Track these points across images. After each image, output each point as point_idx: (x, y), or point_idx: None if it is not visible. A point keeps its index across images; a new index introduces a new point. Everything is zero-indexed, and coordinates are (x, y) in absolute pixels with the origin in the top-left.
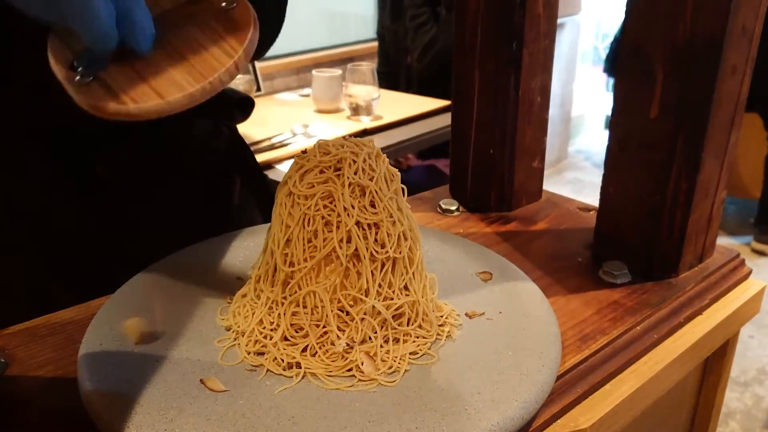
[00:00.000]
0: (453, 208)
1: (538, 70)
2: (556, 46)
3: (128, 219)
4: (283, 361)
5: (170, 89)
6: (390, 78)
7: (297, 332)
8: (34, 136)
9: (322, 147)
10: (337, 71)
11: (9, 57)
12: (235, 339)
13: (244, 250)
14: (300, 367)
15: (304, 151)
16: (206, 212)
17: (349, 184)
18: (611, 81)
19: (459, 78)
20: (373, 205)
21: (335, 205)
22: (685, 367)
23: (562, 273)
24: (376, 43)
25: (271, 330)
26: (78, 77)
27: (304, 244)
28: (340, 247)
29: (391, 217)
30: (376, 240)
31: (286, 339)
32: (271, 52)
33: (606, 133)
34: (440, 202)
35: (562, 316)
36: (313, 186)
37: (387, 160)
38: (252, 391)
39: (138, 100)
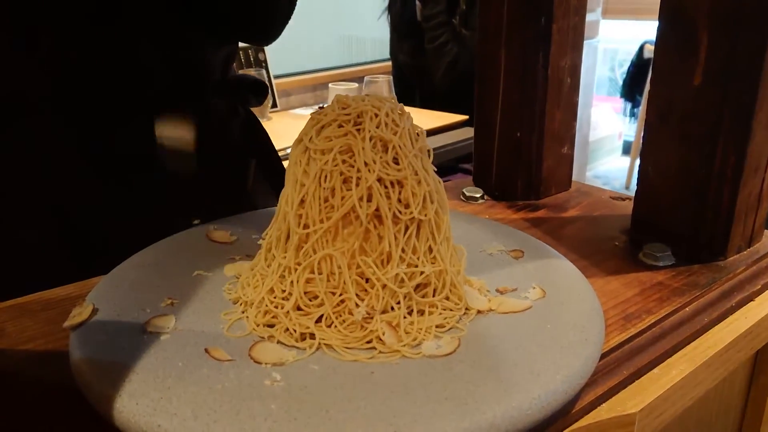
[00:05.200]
0: (477, 195)
1: (568, 48)
2: None
3: (143, 197)
4: (295, 331)
5: None
6: (404, 98)
7: (311, 301)
8: (55, 110)
9: (341, 101)
10: (354, 84)
11: (32, 31)
12: (243, 311)
13: (256, 228)
14: (314, 338)
15: (321, 107)
16: (222, 194)
17: (371, 138)
18: (629, 106)
19: (484, 57)
20: (396, 162)
21: (355, 160)
22: (738, 356)
23: (599, 256)
24: (390, 62)
25: (283, 299)
26: None
27: (320, 204)
28: (360, 206)
29: (417, 175)
30: (399, 200)
31: (299, 309)
32: (287, 70)
33: (624, 159)
34: (464, 190)
35: (602, 296)
36: (331, 140)
37: (412, 117)
38: None
39: None
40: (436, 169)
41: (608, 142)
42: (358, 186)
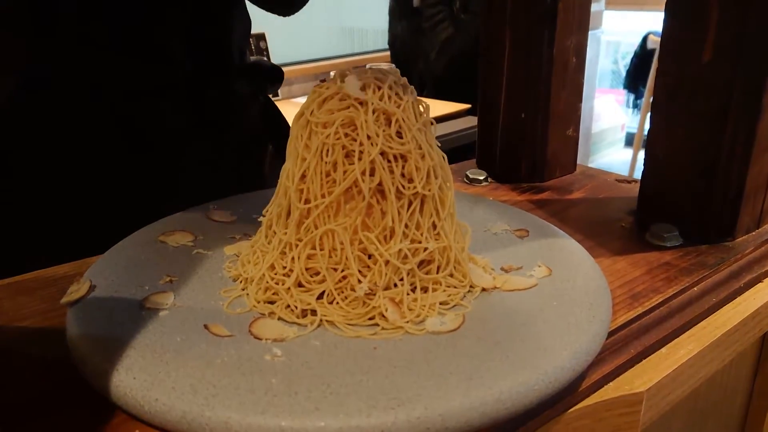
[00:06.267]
0: (481, 177)
1: (574, 27)
2: None
3: (160, 177)
4: (296, 308)
5: None
6: None
7: (313, 277)
8: (75, 89)
9: (343, 74)
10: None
11: (55, 10)
12: (244, 288)
13: (257, 208)
14: (315, 315)
15: (323, 80)
16: (237, 177)
17: (373, 111)
18: (632, 97)
19: (488, 36)
20: (399, 135)
21: (357, 134)
22: (746, 337)
23: (605, 237)
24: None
25: (284, 275)
26: None
27: (321, 178)
28: (363, 181)
29: (420, 149)
30: (402, 174)
31: (300, 285)
32: (290, 59)
33: (627, 151)
34: (467, 172)
35: (608, 276)
36: (333, 113)
37: (415, 91)
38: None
39: None
40: (440, 144)
41: (611, 134)
42: (360, 160)
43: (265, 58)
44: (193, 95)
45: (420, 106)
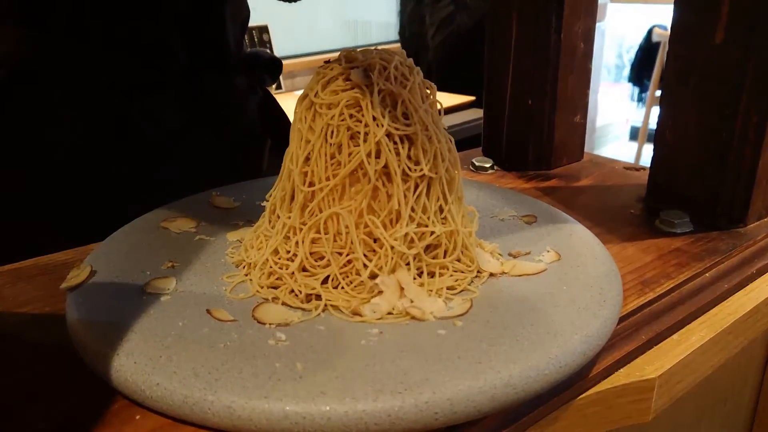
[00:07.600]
0: (487, 165)
1: (582, 12)
2: None
3: (156, 174)
4: (300, 293)
5: None
6: None
7: (317, 261)
8: (69, 86)
9: (348, 55)
10: None
11: (48, 3)
12: (247, 274)
13: (260, 194)
14: (320, 299)
15: (327, 61)
16: (235, 173)
17: (379, 92)
18: (636, 90)
19: (495, 21)
20: (406, 117)
21: (363, 115)
22: (758, 325)
23: (614, 223)
24: (397, 45)
25: (288, 260)
26: None
27: (326, 161)
28: (368, 163)
29: (427, 131)
30: (409, 157)
31: (304, 270)
32: (293, 51)
33: (631, 145)
34: (473, 160)
35: (618, 262)
36: (338, 94)
37: (421, 72)
38: None
39: None
40: (446, 127)
41: (615, 127)
42: (366, 141)
43: (267, 50)
44: (189, 90)
45: (426, 89)
